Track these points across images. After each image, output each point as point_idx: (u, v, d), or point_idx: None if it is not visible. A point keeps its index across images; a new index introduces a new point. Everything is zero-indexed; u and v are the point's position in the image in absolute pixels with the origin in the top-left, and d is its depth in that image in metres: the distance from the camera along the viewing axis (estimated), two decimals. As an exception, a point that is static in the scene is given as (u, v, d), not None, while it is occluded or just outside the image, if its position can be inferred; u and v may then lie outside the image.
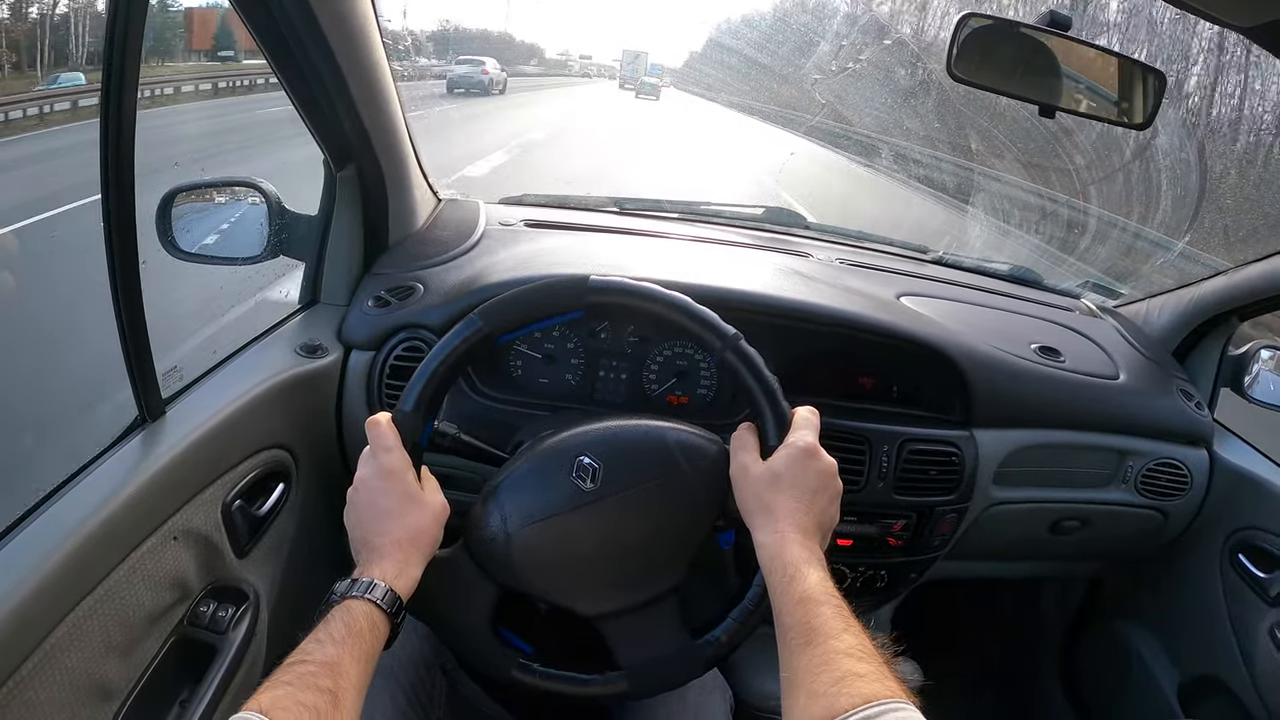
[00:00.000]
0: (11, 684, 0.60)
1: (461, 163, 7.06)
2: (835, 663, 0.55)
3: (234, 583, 0.89)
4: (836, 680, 0.53)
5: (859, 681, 0.52)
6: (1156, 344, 1.35)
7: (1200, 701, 1.28)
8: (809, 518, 0.68)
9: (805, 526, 0.68)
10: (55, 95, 6.67)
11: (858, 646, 0.56)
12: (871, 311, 1.10)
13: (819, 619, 0.59)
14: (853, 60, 6.05)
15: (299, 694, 0.53)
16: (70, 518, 0.68)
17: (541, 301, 0.78)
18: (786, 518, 0.68)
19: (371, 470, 0.70)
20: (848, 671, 0.53)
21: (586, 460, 0.73)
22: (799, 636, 0.59)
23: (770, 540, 0.67)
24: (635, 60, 32.41)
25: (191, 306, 2.78)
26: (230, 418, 0.86)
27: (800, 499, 0.69)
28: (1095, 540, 1.27)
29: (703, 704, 0.91)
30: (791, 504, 0.69)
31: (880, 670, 0.54)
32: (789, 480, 0.70)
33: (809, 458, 0.71)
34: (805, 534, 0.67)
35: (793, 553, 0.65)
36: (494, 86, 16.19)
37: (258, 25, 0.85)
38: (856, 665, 0.54)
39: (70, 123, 5.76)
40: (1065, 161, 4.72)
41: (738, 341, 0.76)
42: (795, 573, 0.63)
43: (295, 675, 0.55)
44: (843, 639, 0.57)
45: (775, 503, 0.69)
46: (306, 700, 0.52)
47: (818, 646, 0.57)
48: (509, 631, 0.77)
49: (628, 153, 10.55)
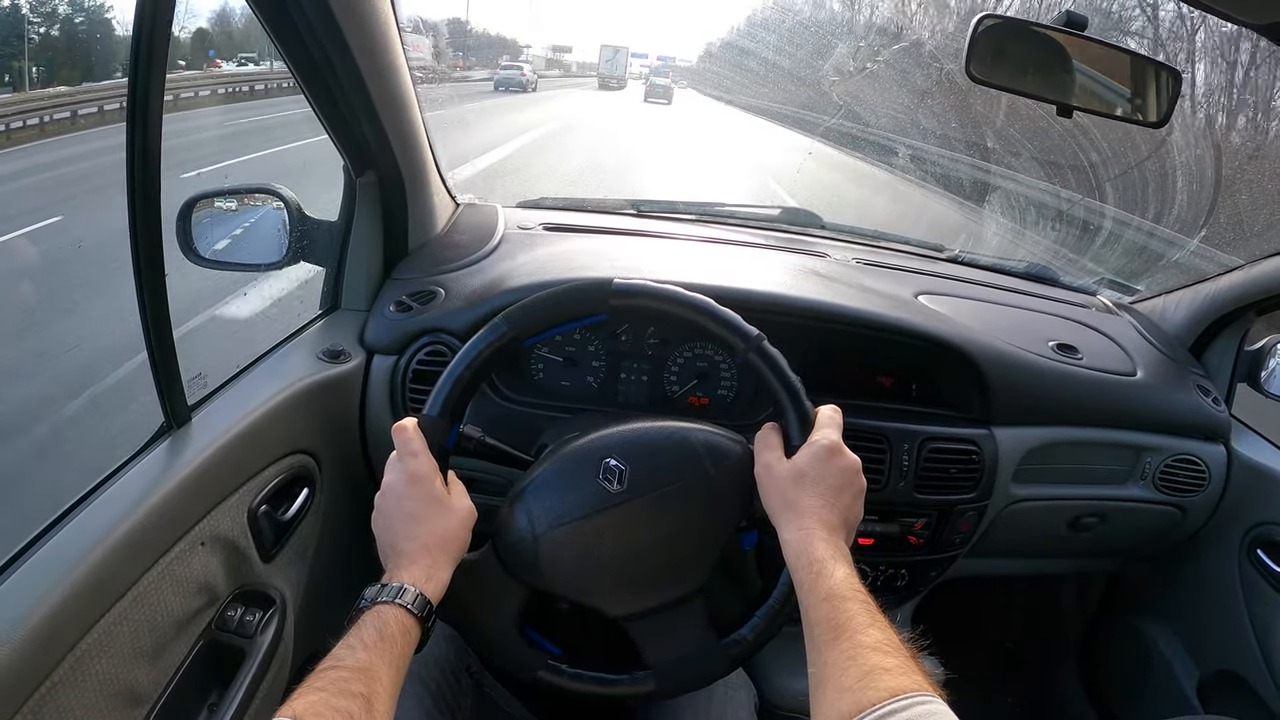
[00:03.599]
0: (44, 689, 0.61)
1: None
2: (862, 657, 0.55)
3: (261, 587, 0.89)
4: (864, 674, 0.53)
5: (886, 675, 0.53)
6: (1173, 340, 1.35)
7: (1220, 697, 1.28)
8: (834, 514, 0.69)
9: (830, 523, 0.68)
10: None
11: (884, 641, 0.56)
12: (890, 311, 1.11)
13: (845, 614, 0.59)
14: (870, 61, 6.05)
15: (332, 699, 0.53)
16: (99, 525, 0.68)
17: (565, 305, 0.78)
18: (811, 515, 0.68)
19: (398, 476, 0.71)
20: (875, 665, 0.54)
21: (613, 462, 0.74)
22: (826, 632, 0.59)
23: (796, 537, 0.67)
24: (615, 56, 31.61)
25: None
26: (255, 424, 0.86)
27: (825, 496, 0.69)
28: (1114, 537, 1.26)
29: (728, 703, 0.91)
30: (816, 501, 0.69)
31: (907, 664, 0.54)
32: (813, 478, 0.70)
33: (833, 455, 0.71)
34: (831, 530, 0.67)
35: (818, 549, 0.65)
36: (530, 85, 20.02)
37: (279, 32, 0.86)
38: (883, 659, 0.54)
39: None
40: (1081, 159, 4.71)
41: (761, 343, 0.76)
42: (821, 569, 0.64)
43: (328, 681, 0.55)
44: (869, 633, 0.57)
45: (800, 500, 0.69)
46: (340, 705, 0.53)
47: (844, 641, 0.57)
48: (536, 633, 0.77)
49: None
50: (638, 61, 39.18)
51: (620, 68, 31.62)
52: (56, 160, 7.01)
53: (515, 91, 18.82)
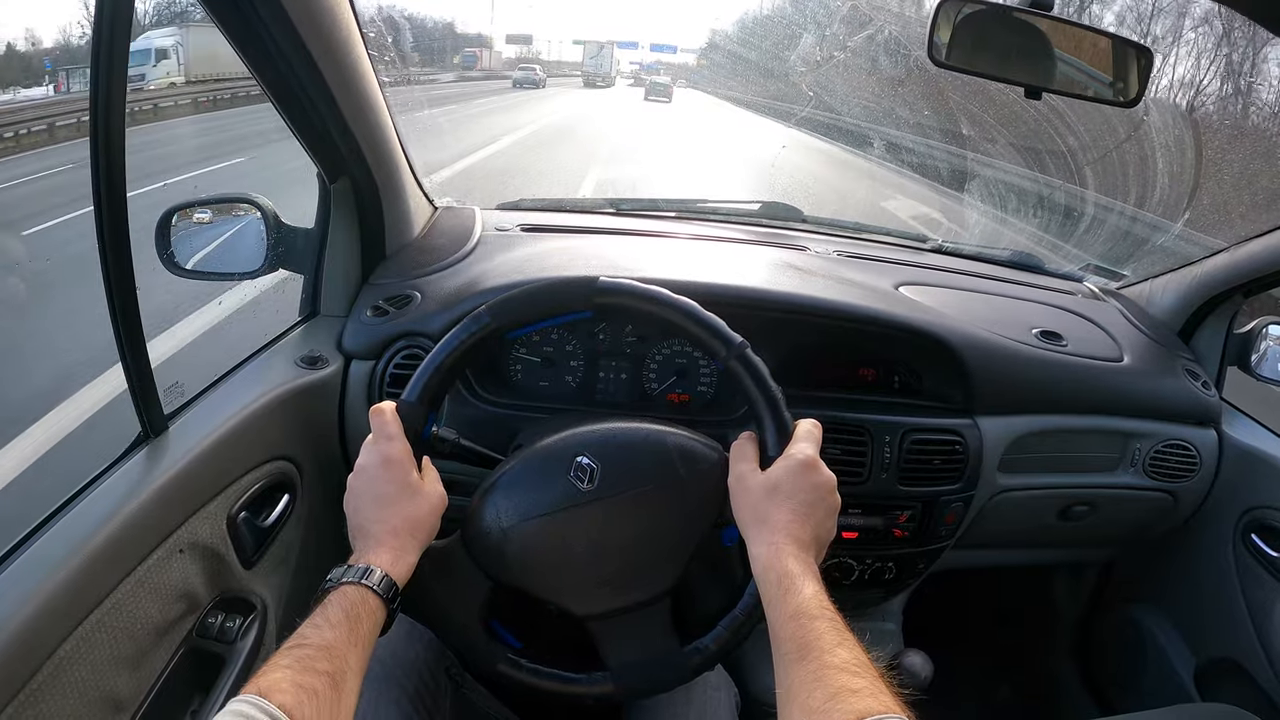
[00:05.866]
0: (23, 696, 0.61)
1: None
2: (830, 678, 0.54)
3: (241, 594, 0.90)
4: (831, 696, 0.53)
5: (853, 697, 0.52)
6: (1161, 325, 1.34)
7: (1217, 684, 1.27)
8: (805, 530, 0.68)
9: (801, 539, 0.67)
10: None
11: (853, 661, 0.56)
12: (869, 302, 1.10)
13: (813, 633, 0.58)
14: (838, 49, 6.01)
15: (298, 676, 0.53)
16: (75, 533, 0.69)
17: (550, 300, 0.78)
18: (782, 530, 0.67)
19: (373, 458, 0.71)
20: (842, 687, 0.53)
21: (585, 460, 0.74)
22: (793, 650, 0.58)
23: (764, 552, 0.67)
24: (600, 52, 30.71)
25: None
26: (233, 431, 0.87)
27: (797, 512, 0.68)
28: (1105, 525, 1.25)
29: (708, 701, 0.91)
30: (787, 516, 0.68)
31: (875, 685, 0.54)
32: (786, 492, 0.69)
33: (808, 470, 0.70)
34: (801, 547, 0.66)
35: (787, 565, 0.64)
36: (541, 84, 24.47)
37: (242, 44, 0.86)
38: (851, 680, 0.54)
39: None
40: (1059, 143, 4.66)
41: (744, 350, 0.76)
42: (790, 585, 0.63)
43: (294, 659, 0.55)
44: (837, 654, 0.56)
45: (771, 514, 0.68)
46: (305, 683, 0.53)
47: (812, 661, 0.56)
48: (501, 626, 0.77)
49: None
50: (627, 55, 37.56)
51: (606, 64, 30.88)
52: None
53: (528, 88, 23.14)
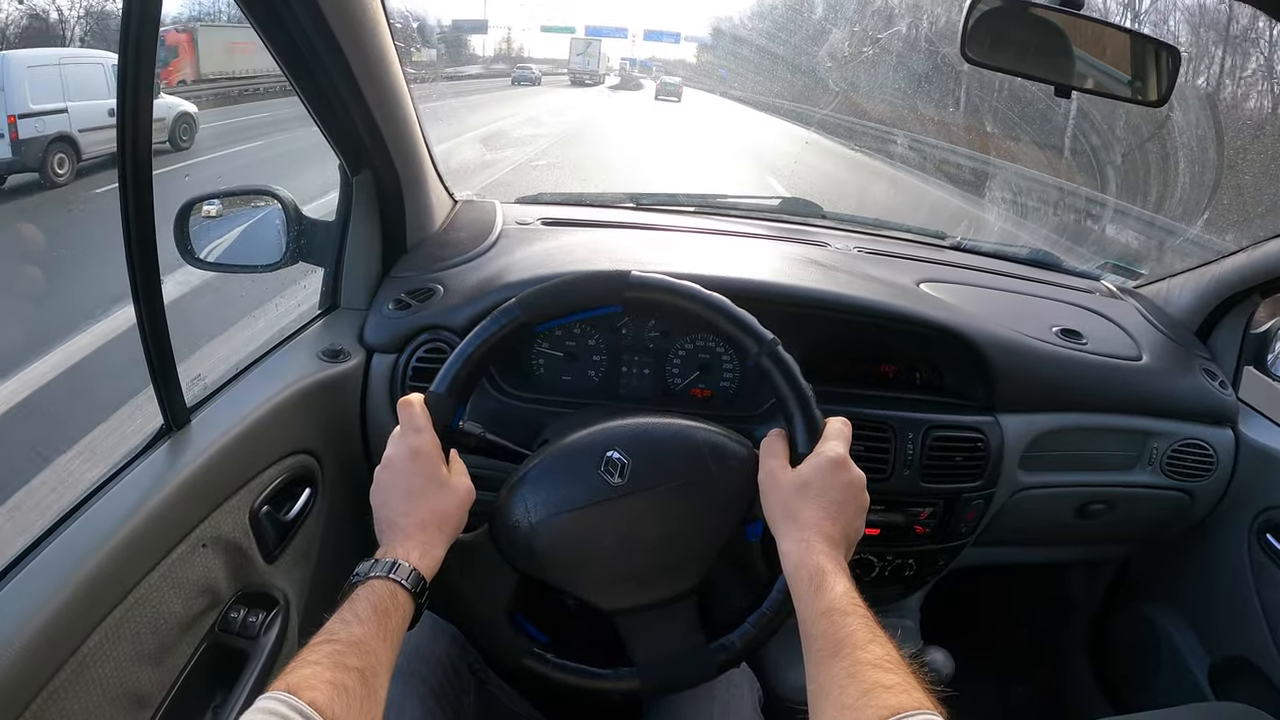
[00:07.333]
0: (46, 694, 0.61)
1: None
2: (862, 674, 0.54)
3: (264, 588, 0.89)
4: (864, 692, 0.53)
5: (886, 693, 0.52)
6: (1178, 324, 1.34)
7: (1231, 683, 1.27)
8: (835, 528, 0.68)
9: (831, 536, 0.67)
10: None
11: (885, 657, 0.56)
12: (891, 298, 1.10)
13: (845, 630, 0.58)
14: (868, 45, 5.99)
15: (326, 672, 0.53)
16: (99, 528, 0.68)
17: (581, 294, 0.78)
18: (812, 527, 0.67)
19: (400, 450, 0.71)
20: (875, 683, 0.53)
21: (616, 455, 0.73)
22: (825, 647, 0.58)
23: (795, 549, 0.67)
24: (587, 49, 29.80)
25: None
26: (255, 425, 0.86)
27: (827, 509, 0.68)
28: (1122, 523, 1.25)
29: (731, 697, 0.90)
30: (818, 513, 0.68)
31: (908, 681, 0.54)
32: (816, 490, 0.69)
33: (838, 468, 0.70)
34: (831, 544, 0.67)
35: (818, 562, 0.64)
36: (538, 81, 25.48)
37: (270, 33, 0.86)
38: (884, 677, 0.54)
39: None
40: (1082, 143, 4.67)
41: (775, 347, 0.75)
42: (821, 582, 0.63)
43: (323, 654, 0.54)
44: (869, 650, 0.56)
45: (801, 511, 0.68)
46: (334, 679, 0.52)
47: (844, 658, 0.56)
48: (525, 620, 0.77)
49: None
50: (617, 46, 35.09)
51: (593, 62, 29.98)
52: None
53: (526, 85, 24.46)
